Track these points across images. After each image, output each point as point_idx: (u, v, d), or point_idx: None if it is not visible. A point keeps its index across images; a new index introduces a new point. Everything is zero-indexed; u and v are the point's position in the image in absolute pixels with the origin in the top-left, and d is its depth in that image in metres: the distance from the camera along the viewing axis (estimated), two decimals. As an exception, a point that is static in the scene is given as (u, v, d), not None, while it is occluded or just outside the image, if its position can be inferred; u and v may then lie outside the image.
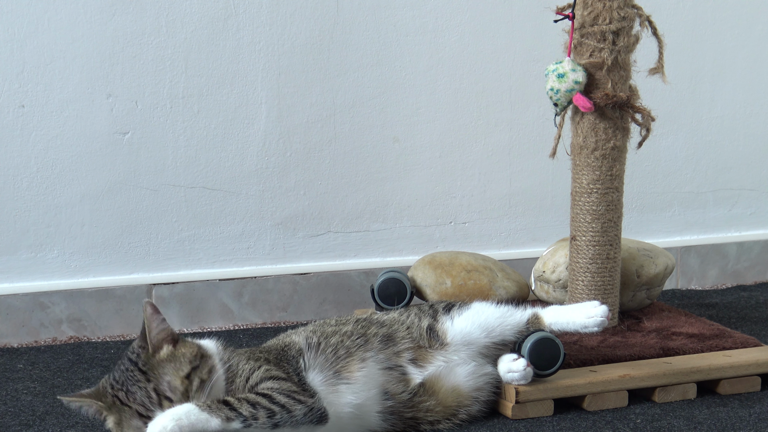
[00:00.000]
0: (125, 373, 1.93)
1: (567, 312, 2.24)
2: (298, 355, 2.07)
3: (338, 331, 2.13)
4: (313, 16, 2.86)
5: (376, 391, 2.08)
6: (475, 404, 2.18)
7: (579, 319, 2.21)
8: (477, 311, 2.22)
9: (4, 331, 2.68)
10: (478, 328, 2.18)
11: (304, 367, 2.04)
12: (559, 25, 2.56)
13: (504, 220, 3.10)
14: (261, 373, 1.98)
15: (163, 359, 1.93)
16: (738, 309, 3.03)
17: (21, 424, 2.18)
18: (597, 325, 2.20)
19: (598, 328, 2.21)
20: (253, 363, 2.00)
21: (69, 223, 2.72)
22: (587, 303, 2.24)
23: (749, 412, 2.25)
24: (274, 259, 2.90)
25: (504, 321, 2.21)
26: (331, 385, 2.04)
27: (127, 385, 1.91)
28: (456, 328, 2.18)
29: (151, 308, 1.96)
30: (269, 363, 2.02)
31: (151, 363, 1.92)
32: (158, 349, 1.94)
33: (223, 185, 2.83)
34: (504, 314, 2.23)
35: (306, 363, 2.05)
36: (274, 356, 2.06)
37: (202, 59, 2.78)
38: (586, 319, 2.21)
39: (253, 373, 1.98)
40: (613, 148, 2.49)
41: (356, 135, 2.93)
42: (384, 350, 2.12)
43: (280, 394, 1.93)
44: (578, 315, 2.22)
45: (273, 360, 2.04)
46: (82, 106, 2.70)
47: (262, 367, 2.00)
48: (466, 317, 2.19)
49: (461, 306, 2.23)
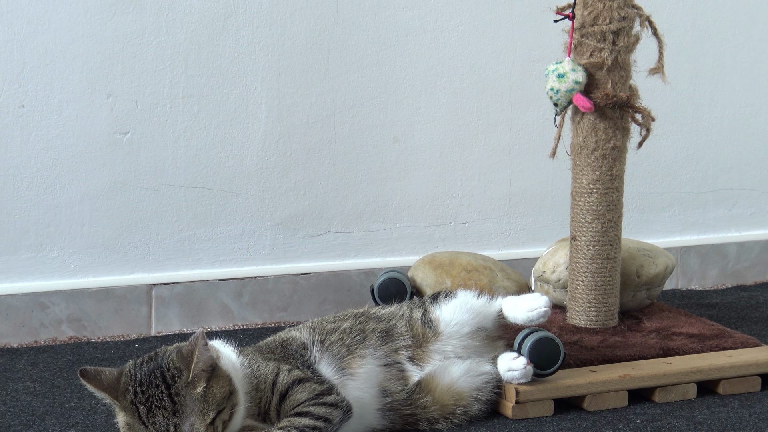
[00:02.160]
0: (153, 389, 1.85)
1: (513, 307, 2.25)
2: (302, 349, 2.08)
3: (337, 328, 2.14)
4: (313, 16, 2.86)
5: (376, 389, 2.08)
6: (474, 404, 2.18)
7: (521, 314, 2.23)
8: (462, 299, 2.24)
9: (4, 331, 2.68)
10: (467, 312, 2.21)
11: (315, 360, 2.05)
12: (559, 25, 2.56)
13: (504, 220, 3.10)
14: (285, 377, 1.97)
15: (195, 397, 1.84)
16: (738, 309, 3.03)
17: (21, 424, 2.18)
18: (541, 316, 2.22)
19: (543, 318, 2.22)
20: (272, 365, 2.00)
21: (69, 223, 2.72)
22: (528, 296, 2.26)
23: (749, 412, 2.25)
24: (274, 259, 2.90)
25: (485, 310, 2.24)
26: (338, 380, 2.05)
27: (151, 403, 1.84)
28: (445, 314, 2.20)
29: (203, 339, 1.86)
30: (279, 362, 2.02)
31: (182, 394, 1.84)
32: (196, 382, 1.86)
33: (223, 185, 2.83)
34: (484, 303, 2.25)
35: (314, 356, 2.06)
36: (279, 353, 2.06)
37: (202, 59, 2.78)
38: (528, 313, 2.22)
39: (278, 377, 1.97)
40: (613, 148, 2.49)
41: (356, 135, 2.93)
42: (382, 346, 2.13)
43: (315, 406, 1.93)
44: (521, 309, 2.23)
45: (279, 357, 2.04)
46: (82, 106, 2.70)
47: (281, 368, 2.00)
48: (453, 304, 2.22)
49: (447, 295, 2.26)
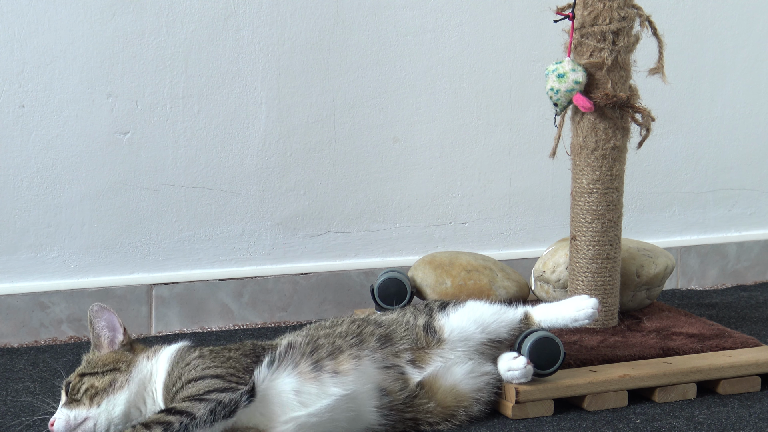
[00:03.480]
0: None
1: (556, 308, 2.25)
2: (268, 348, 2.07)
3: (332, 333, 2.14)
4: (313, 16, 2.86)
5: (370, 387, 2.07)
6: (475, 405, 2.18)
7: (569, 313, 2.23)
8: (472, 308, 2.23)
9: (4, 331, 2.67)
10: (474, 323, 2.19)
11: (269, 361, 2.04)
12: (559, 25, 2.56)
13: (504, 220, 3.10)
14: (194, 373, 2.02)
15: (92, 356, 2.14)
16: (738, 309, 3.03)
17: (21, 424, 2.18)
18: (588, 317, 2.22)
19: (589, 320, 2.22)
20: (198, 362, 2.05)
21: (69, 223, 2.72)
22: (577, 297, 2.26)
23: (749, 412, 2.25)
24: (274, 259, 2.90)
25: (499, 318, 2.22)
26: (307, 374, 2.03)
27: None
28: (452, 323, 2.19)
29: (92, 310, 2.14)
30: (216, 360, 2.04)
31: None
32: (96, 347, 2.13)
33: (223, 185, 2.83)
34: (498, 311, 2.24)
35: (274, 356, 2.05)
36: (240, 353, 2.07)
37: (202, 59, 2.78)
38: (576, 312, 2.22)
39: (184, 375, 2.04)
40: (613, 148, 2.49)
41: (356, 135, 2.93)
42: (381, 349, 2.12)
43: (184, 401, 1.95)
44: (568, 309, 2.23)
45: (235, 357, 2.05)
46: (82, 106, 2.70)
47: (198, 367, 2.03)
48: (462, 314, 2.21)
49: (456, 304, 2.24)
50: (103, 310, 2.13)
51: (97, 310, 2.12)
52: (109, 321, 2.13)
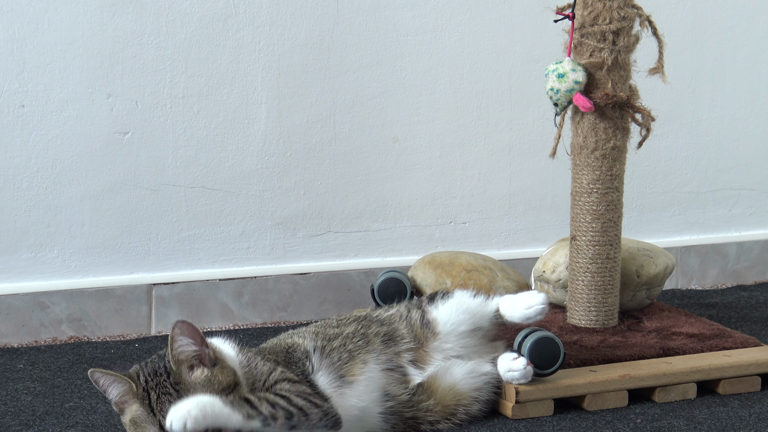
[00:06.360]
0: (158, 378, 1.92)
1: (510, 305, 2.24)
2: (304, 357, 2.08)
3: (340, 333, 2.14)
4: (313, 16, 2.86)
5: (377, 394, 2.08)
6: (474, 404, 2.18)
7: (519, 311, 2.23)
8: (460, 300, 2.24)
9: (4, 331, 2.68)
10: (464, 313, 2.21)
11: (312, 370, 2.05)
12: (559, 25, 2.56)
13: (504, 220, 3.10)
14: (277, 374, 1.99)
15: (196, 382, 1.91)
16: (738, 309, 3.03)
17: (21, 424, 2.18)
18: (539, 314, 2.22)
19: (541, 316, 2.22)
20: (269, 365, 2.01)
21: (69, 223, 2.72)
22: (525, 293, 2.26)
23: (749, 412, 2.25)
24: (274, 259, 2.90)
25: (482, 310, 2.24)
26: (336, 388, 2.05)
27: (159, 390, 1.90)
28: (442, 315, 2.20)
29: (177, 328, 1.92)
30: (279, 365, 2.03)
31: (183, 381, 1.91)
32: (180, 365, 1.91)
33: (223, 185, 2.83)
34: (481, 303, 2.25)
35: (313, 366, 2.06)
36: (282, 358, 2.07)
37: (202, 59, 2.78)
38: (526, 310, 2.22)
39: (271, 374, 2.00)
40: (613, 148, 2.49)
41: (356, 135, 2.93)
42: (385, 351, 2.13)
43: (297, 397, 1.95)
44: (518, 307, 2.23)
45: (282, 362, 2.05)
46: (82, 106, 2.70)
47: (277, 368, 2.01)
48: (451, 305, 2.22)
49: (444, 295, 2.25)
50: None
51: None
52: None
